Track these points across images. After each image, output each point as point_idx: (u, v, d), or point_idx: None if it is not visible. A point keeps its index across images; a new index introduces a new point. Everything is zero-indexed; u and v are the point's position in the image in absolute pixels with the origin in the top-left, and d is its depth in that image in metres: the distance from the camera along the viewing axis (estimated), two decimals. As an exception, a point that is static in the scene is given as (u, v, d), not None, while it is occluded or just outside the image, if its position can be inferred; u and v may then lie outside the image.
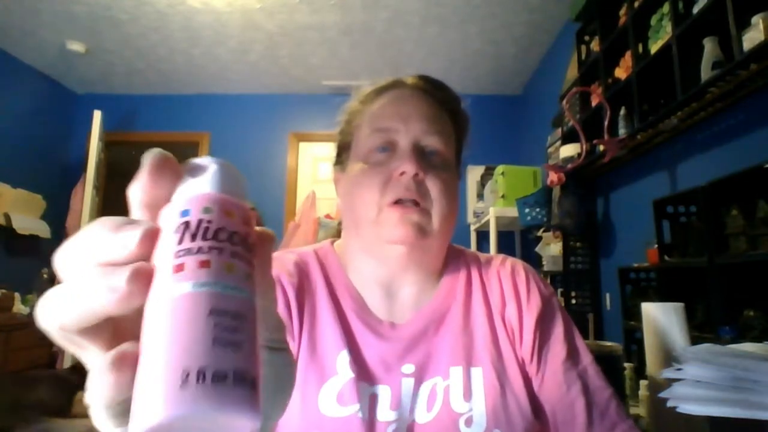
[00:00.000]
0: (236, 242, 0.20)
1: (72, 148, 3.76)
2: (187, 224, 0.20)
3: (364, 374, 0.53)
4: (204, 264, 0.19)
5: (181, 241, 0.19)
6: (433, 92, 0.61)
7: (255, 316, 0.20)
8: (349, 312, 0.57)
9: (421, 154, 0.55)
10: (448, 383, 0.53)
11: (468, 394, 0.52)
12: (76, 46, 3.10)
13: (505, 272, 0.61)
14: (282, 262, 0.58)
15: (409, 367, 0.54)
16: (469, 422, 0.51)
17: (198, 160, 0.22)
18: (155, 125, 3.85)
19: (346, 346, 0.53)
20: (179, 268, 0.19)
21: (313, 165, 3.88)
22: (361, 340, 0.55)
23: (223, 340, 0.18)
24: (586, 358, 0.56)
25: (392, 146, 0.56)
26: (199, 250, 0.19)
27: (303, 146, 3.87)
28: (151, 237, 0.19)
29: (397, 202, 0.53)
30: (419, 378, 0.54)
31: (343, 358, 0.53)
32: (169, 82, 3.69)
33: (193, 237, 0.19)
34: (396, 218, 0.53)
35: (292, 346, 0.53)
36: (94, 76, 3.61)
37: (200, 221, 0.20)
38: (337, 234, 0.68)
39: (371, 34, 2.98)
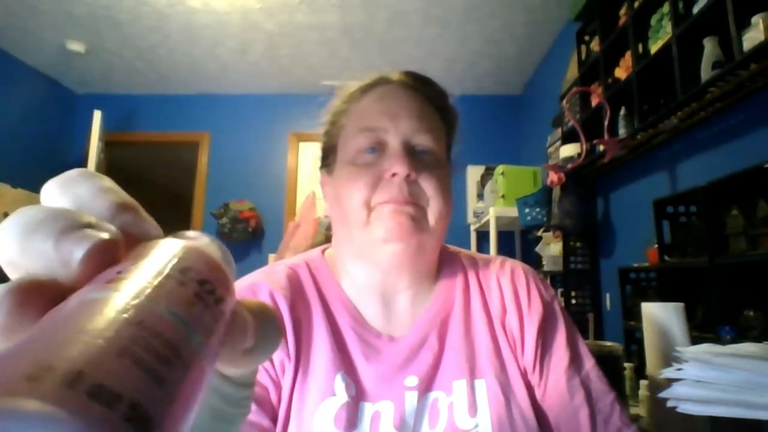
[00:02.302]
0: (210, 293, 0.16)
1: (72, 148, 3.76)
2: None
3: (363, 394, 0.51)
4: (156, 288, 0.14)
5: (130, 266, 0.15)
6: (420, 88, 0.58)
7: (198, 374, 0.14)
8: (345, 328, 0.54)
9: (412, 154, 0.53)
10: (452, 400, 0.51)
11: (473, 409, 0.50)
12: (76, 46, 3.10)
13: (504, 277, 0.59)
14: (273, 276, 0.55)
15: (412, 380, 0.52)
16: None
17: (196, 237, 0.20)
18: (155, 125, 3.85)
19: (341, 368, 0.51)
20: (113, 280, 0.14)
21: (313, 165, 3.88)
22: (358, 359, 0.52)
23: (144, 362, 0.12)
24: (588, 363, 0.55)
25: (381, 146, 0.53)
26: (156, 276, 0.15)
27: (303, 146, 3.87)
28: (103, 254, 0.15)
29: (389, 202, 0.51)
30: (423, 390, 0.52)
31: (340, 379, 0.50)
32: (169, 82, 3.69)
33: (157, 274, 0.15)
34: (389, 212, 0.51)
35: (288, 366, 0.51)
36: (94, 76, 3.61)
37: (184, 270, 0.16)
38: (327, 240, 0.65)
39: (371, 35, 2.98)
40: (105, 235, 0.15)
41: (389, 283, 0.56)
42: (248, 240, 3.60)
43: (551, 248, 2.54)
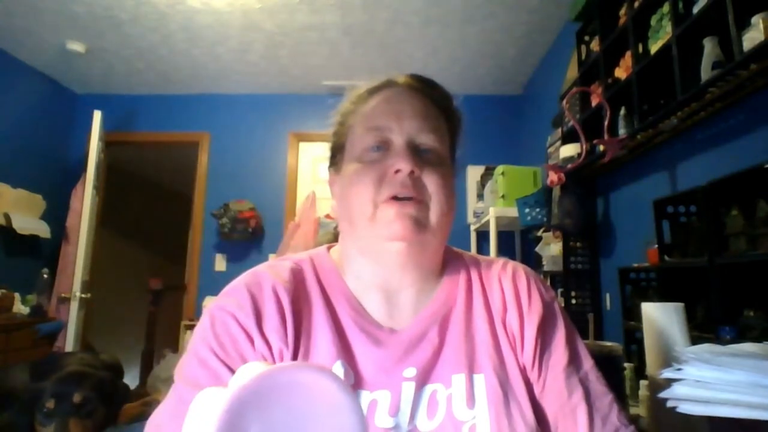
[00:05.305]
0: None
1: (72, 148, 3.75)
2: None
3: (362, 382, 0.52)
4: None
5: None
6: (425, 90, 0.60)
7: None
8: (346, 319, 0.56)
9: (415, 152, 0.55)
10: (451, 392, 0.52)
11: (471, 402, 0.51)
12: (76, 46, 3.10)
13: (506, 277, 0.60)
14: (277, 270, 0.57)
15: (410, 371, 0.53)
16: (472, 430, 0.50)
17: None
18: (155, 125, 3.85)
19: (341, 356, 0.52)
20: None
21: (313, 165, 3.88)
22: (358, 349, 0.54)
23: None
24: (587, 363, 0.56)
25: (386, 145, 0.56)
26: None
27: (303, 146, 3.87)
28: None
29: (393, 198, 0.53)
30: (420, 382, 0.53)
31: (338, 369, 0.52)
32: (169, 82, 3.69)
33: None
34: (393, 213, 0.52)
35: (286, 354, 0.52)
36: (94, 76, 3.60)
37: None
38: (335, 238, 0.67)
39: (371, 35, 2.98)
40: None
41: (393, 280, 0.57)
42: (248, 240, 3.60)
43: (551, 248, 2.54)
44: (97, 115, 3.22)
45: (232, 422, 0.18)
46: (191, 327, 3.38)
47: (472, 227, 3.44)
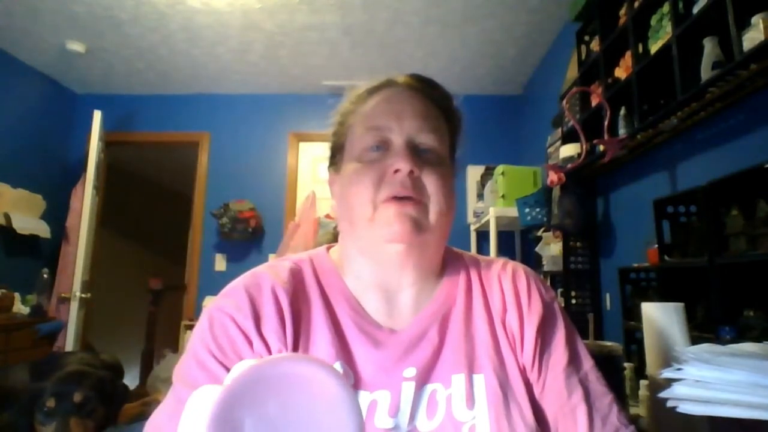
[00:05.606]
0: None
1: (72, 148, 3.75)
2: None
3: (361, 383, 0.52)
4: None
5: None
6: (425, 90, 0.60)
7: None
8: (345, 320, 0.55)
9: (415, 152, 0.55)
10: (450, 392, 0.52)
11: (471, 402, 0.51)
12: (76, 46, 3.10)
13: (506, 277, 0.60)
14: (276, 270, 0.57)
15: (410, 371, 0.53)
16: (472, 431, 0.50)
17: None
18: (155, 125, 3.85)
19: (340, 357, 0.52)
20: None
21: (313, 165, 3.88)
22: (357, 349, 0.54)
23: None
24: (587, 364, 0.56)
25: (386, 144, 0.56)
26: None
27: (303, 146, 3.87)
28: None
29: (392, 198, 0.53)
30: (420, 382, 0.52)
31: (338, 368, 0.52)
32: (169, 82, 3.69)
33: None
34: (392, 214, 0.52)
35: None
36: (94, 76, 3.60)
37: None
38: (335, 238, 0.67)
39: (371, 35, 2.98)
40: None
41: (392, 280, 0.57)
42: (248, 240, 3.60)
43: (551, 248, 2.54)
44: (97, 115, 3.22)
45: (224, 414, 0.18)
46: (191, 327, 3.37)
47: (472, 227, 3.44)
